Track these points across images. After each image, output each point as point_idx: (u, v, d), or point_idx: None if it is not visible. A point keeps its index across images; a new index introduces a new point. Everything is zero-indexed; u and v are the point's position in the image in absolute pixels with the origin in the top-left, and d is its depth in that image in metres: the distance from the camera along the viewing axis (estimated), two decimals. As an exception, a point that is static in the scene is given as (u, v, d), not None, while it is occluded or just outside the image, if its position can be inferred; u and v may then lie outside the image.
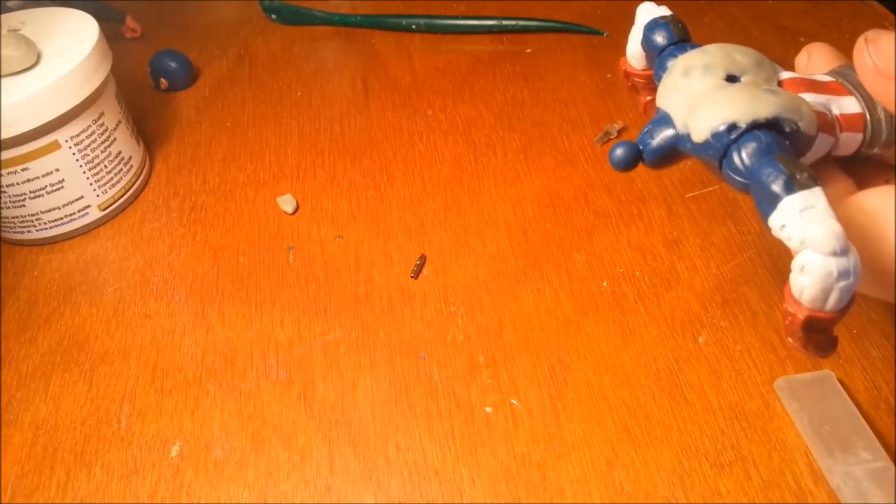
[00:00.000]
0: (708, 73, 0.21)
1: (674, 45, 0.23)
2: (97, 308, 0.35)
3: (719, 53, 0.22)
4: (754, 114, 0.20)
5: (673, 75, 0.22)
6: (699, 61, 0.22)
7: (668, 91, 0.22)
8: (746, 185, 0.20)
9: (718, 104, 0.20)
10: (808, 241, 0.18)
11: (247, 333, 0.33)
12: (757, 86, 0.21)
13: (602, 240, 0.35)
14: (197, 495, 0.27)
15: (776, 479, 0.25)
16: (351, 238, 0.36)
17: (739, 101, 0.20)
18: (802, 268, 0.18)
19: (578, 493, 0.26)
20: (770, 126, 0.20)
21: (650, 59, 0.24)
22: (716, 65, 0.21)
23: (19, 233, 0.38)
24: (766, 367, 0.29)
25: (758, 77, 0.21)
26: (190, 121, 0.46)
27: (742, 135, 0.20)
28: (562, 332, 0.31)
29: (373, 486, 0.27)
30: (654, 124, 0.22)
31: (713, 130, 0.20)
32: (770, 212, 0.19)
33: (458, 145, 0.41)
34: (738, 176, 0.20)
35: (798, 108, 0.20)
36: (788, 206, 0.18)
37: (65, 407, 0.31)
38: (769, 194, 0.19)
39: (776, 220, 0.19)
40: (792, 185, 0.18)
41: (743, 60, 0.22)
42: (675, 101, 0.22)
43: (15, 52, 0.35)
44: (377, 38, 0.51)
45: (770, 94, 0.20)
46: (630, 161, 0.22)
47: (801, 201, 0.18)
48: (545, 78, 0.45)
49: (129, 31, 0.54)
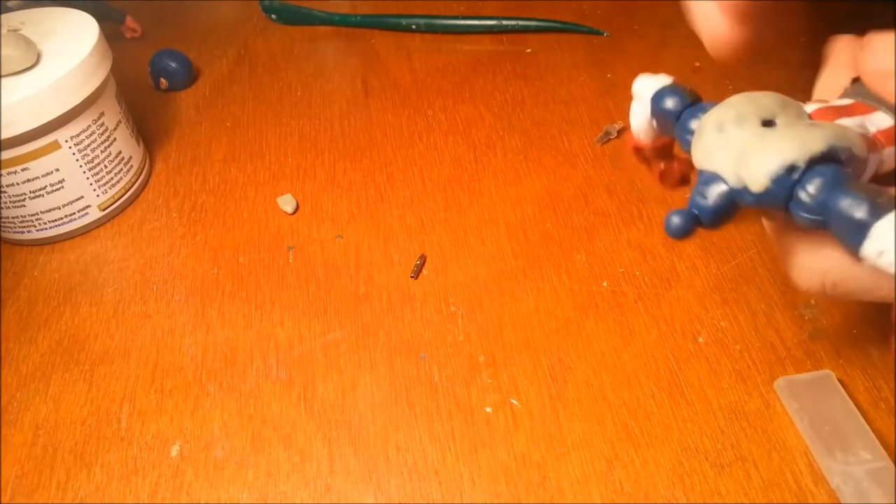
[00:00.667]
0: (743, 123, 0.21)
1: (689, 108, 0.23)
2: (97, 308, 0.35)
3: (745, 102, 0.21)
4: (809, 150, 0.19)
5: (707, 134, 0.21)
6: (730, 114, 0.21)
7: (707, 150, 0.21)
8: (823, 223, 0.19)
9: (770, 149, 0.20)
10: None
11: (247, 333, 0.33)
12: (797, 123, 0.20)
13: (602, 240, 0.35)
14: (197, 495, 0.27)
15: (776, 479, 0.25)
16: (351, 238, 0.36)
17: (790, 141, 0.20)
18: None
19: (578, 493, 0.26)
20: (826, 158, 0.19)
21: (665, 127, 0.24)
22: (747, 113, 0.21)
23: (19, 233, 0.38)
24: (766, 367, 0.29)
25: (790, 115, 0.21)
26: (190, 121, 0.46)
27: (803, 174, 0.19)
28: (562, 332, 0.31)
29: (373, 486, 0.27)
30: (703, 186, 0.21)
31: (772, 176, 0.20)
32: (860, 241, 0.18)
33: (458, 145, 0.41)
34: (812, 214, 0.19)
35: (845, 133, 0.20)
36: (881, 231, 0.18)
37: (65, 407, 0.31)
38: (855, 224, 0.18)
39: (872, 248, 0.18)
40: (877, 208, 0.18)
41: (769, 104, 0.21)
42: (720, 158, 0.21)
43: (15, 52, 0.35)
44: (377, 38, 0.51)
45: (815, 128, 0.20)
46: (689, 229, 0.22)
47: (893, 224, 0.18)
48: (545, 78, 0.45)
49: (129, 31, 0.54)
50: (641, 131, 0.25)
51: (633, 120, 0.25)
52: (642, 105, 0.24)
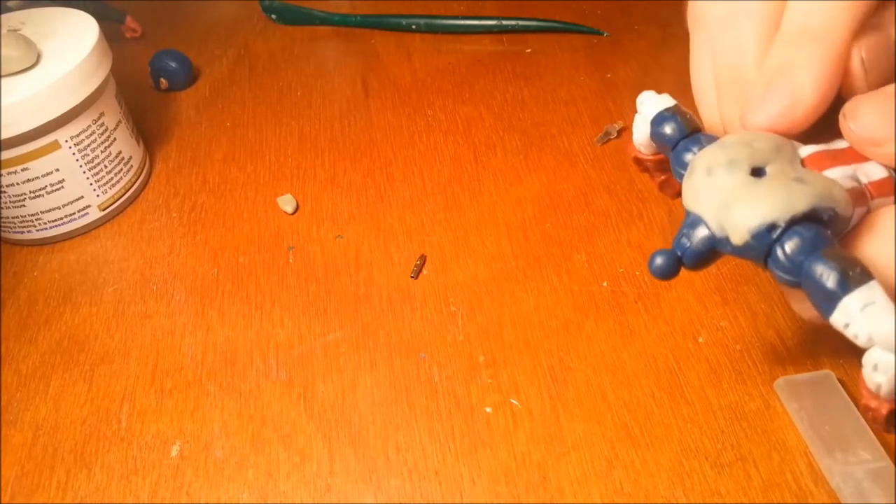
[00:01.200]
0: (733, 170, 0.21)
1: (686, 139, 0.23)
2: (97, 308, 0.35)
3: (739, 145, 0.21)
4: (791, 209, 0.19)
5: (696, 175, 0.21)
6: (721, 158, 0.21)
7: (695, 193, 0.21)
8: (796, 283, 0.19)
9: (752, 204, 0.20)
10: (875, 339, 0.18)
11: (247, 333, 0.33)
12: (785, 175, 0.20)
13: (602, 240, 0.35)
14: (197, 495, 0.27)
15: (776, 479, 0.25)
16: (351, 238, 0.36)
17: (774, 198, 0.19)
18: (875, 366, 0.18)
19: (578, 493, 0.26)
20: (808, 218, 0.19)
21: (661, 149, 0.24)
22: (739, 158, 0.21)
23: (19, 233, 0.38)
24: (766, 367, 0.29)
25: (782, 163, 0.21)
26: (190, 121, 0.46)
27: (783, 233, 0.19)
28: (562, 332, 0.31)
29: (373, 486, 0.27)
30: (687, 228, 0.22)
31: (752, 232, 0.20)
32: (830, 311, 0.19)
33: (458, 145, 0.41)
34: (787, 274, 0.20)
35: (830, 193, 0.20)
36: (849, 305, 0.18)
37: (65, 407, 0.31)
38: (825, 294, 0.19)
39: (838, 320, 0.19)
40: (847, 283, 0.18)
41: (763, 148, 0.21)
42: (705, 203, 0.21)
43: (15, 52, 0.35)
44: (377, 38, 0.51)
45: (801, 185, 0.20)
46: (671, 270, 0.22)
47: (861, 299, 0.18)
48: (545, 78, 0.45)
49: (129, 31, 0.54)
50: (642, 145, 0.25)
51: (635, 133, 0.25)
52: (643, 121, 0.24)
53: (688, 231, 0.21)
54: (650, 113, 0.24)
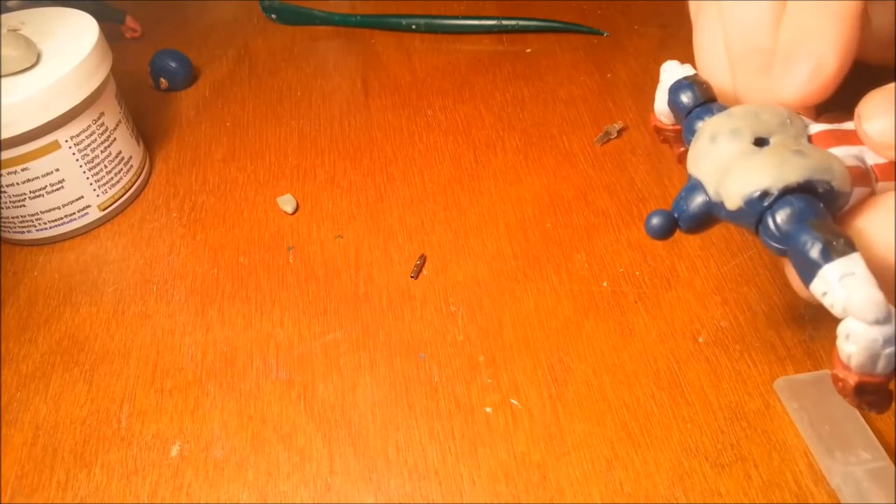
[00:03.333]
0: (735, 138, 0.21)
1: (700, 107, 0.23)
2: (97, 308, 0.35)
3: (745, 115, 0.21)
4: (785, 179, 0.20)
5: (700, 141, 0.22)
6: (726, 126, 0.21)
7: (697, 158, 0.22)
8: (784, 251, 0.20)
9: (748, 171, 0.20)
10: (850, 309, 0.18)
11: (247, 333, 0.33)
12: (786, 147, 0.20)
13: (602, 240, 0.35)
14: (197, 495, 0.27)
15: (776, 479, 0.25)
16: (351, 238, 0.36)
17: (769, 167, 0.20)
18: (847, 335, 0.19)
19: (578, 493, 0.26)
20: (803, 189, 0.20)
21: (678, 119, 0.24)
22: (743, 128, 0.21)
23: (19, 233, 0.38)
24: (766, 367, 0.29)
25: (786, 137, 0.21)
26: (190, 121, 0.46)
27: (775, 201, 0.20)
28: (562, 332, 0.31)
29: (373, 486, 0.27)
30: (686, 191, 0.22)
31: (746, 198, 0.20)
32: (810, 279, 0.19)
33: (458, 145, 0.41)
34: (775, 242, 0.20)
35: (829, 166, 0.20)
36: (828, 274, 0.18)
37: (65, 407, 0.31)
38: (808, 262, 0.19)
39: (817, 288, 0.19)
40: (829, 252, 0.18)
41: (770, 120, 0.21)
42: (706, 169, 0.21)
43: (15, 52, 0.35)
44: (377, 38, 0.51)
45: (799, 157, 0.20)
46: (667, 230, 0.22)
47: (840, 268, 0.18)
48: (545, 78, 0.45)
49: (129, 31, 0.54)
50: (662, 114, 0.25)
51: (657, 102, 0.25)
52: (664, 89, 0.25)
53: (686, 194, 0.22)
54: (670, 79, 0.24)
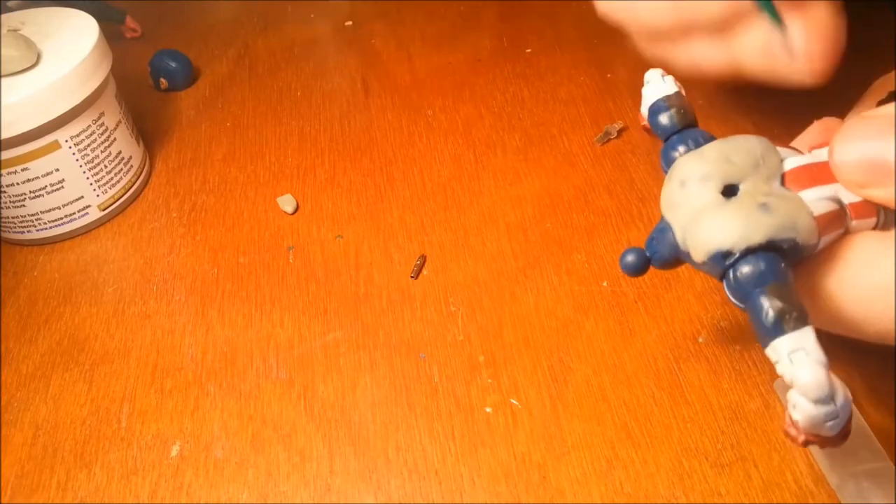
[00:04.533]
0: (704, 186, 0.21)
1: (677, 134, 0.23)
2: (97, 308, 0.35)
3: (717, 159, 0.22)
4: (748, 239, 0.20)
5: (671, 185, 0.22)
6: (696, 172, 0.22)
7: (669, 202, 0.22)
8: (744, 308, 0.21)
9: (713, 228, 0.21)
10: (795, 385, 0.19)
11: (247, 333, 0.33)
12: (754, 199, 0.21)
13: (602, 240, 0.35)
14: (197, 495, 0.27)
15: (776, 479, 0.25)
16: (351, 238, 0.36)
17: (732, 227, 0.20)
18: (794, 405, 0.19)
19: (578, 493, 0.26)
20: (765, 248, 0.20)
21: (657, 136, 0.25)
22: (713, 174, 0.21)
23: (19, 233, 0.38)
24: (766, 367, 0.29)
25: (758, 180, 0.21)
26: (190, 121, 0.46)
27: (737, 261, 0.20)
28: (562, 332, 0.31)
29: (373, 486, 0.27)
30: (658, 233, 0.23)
31: (709, 255, 0.21)
32: (764, 344, 0.20)
33: (458, 145, 0.41)
34: (736, 299, 0.21)
35: (794, 224, 0.20)
36: (779, 346, 0.19)
37: (65, 407, 0.31)
38: (762, 329, 0.20)
39: (770, 355, 0.20)
40: (782, 325, 0.19)
41: (742, 162, 0.21)
42: (675, 216, 0.22)
43: (15, 52, 0.35)
44: (377, 38, 0.51)
45: (764, 214, 0.20)
46: (640, 268, 0.23)
47: (790, 343, 0.19)
48: (545, 78, 0.45)
49: (129, 31, 0.54)
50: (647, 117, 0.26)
51: (643, 104, 0.25)
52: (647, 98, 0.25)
53: (658, 236, 0.23)
54: (650, 97, 0.24)
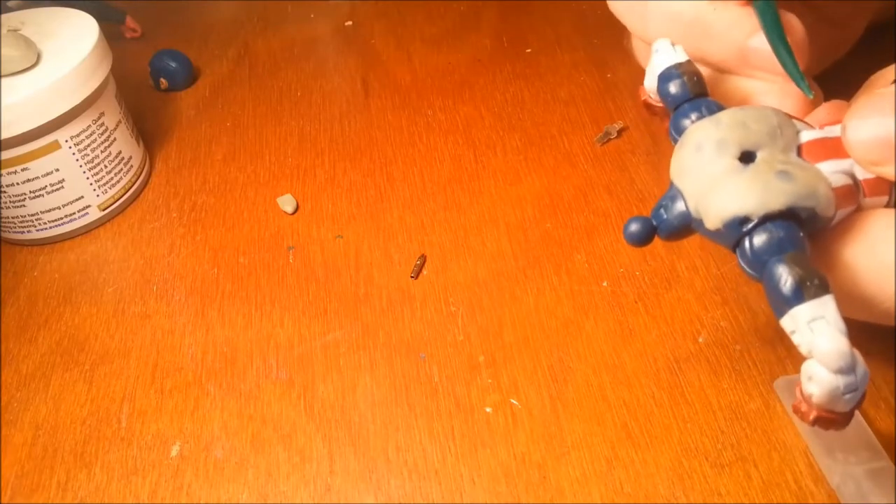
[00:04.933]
0: (721, 151, 0.20)
1: (689, 102, 0.22)
2: (97, 308, 0.35)
3: (733, 125, 0.21)
4: (767, 206, 0.19)
5: (685, 150, 0.21)
6: (712, 136, 0.21)
7: (681, 168, 0.21)
8: (758, 278, 0.20)
9: (730, 194, 0.20)
10: (815, 354, 0.18)
11: (247, 333, 0.33)
12: (771, 167, 0.20)
13: (602, 240, 0.35)
14: (197, 495, 0.27)
15: (776, 479, 0.25)
16: (351, 238, 0.36)
17: (751, 192, 0.19)
18: (810, 377, 0.19)
19: (578, 493, 0.26)
20: (784, 216, 0.19)
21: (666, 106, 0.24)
22: (729, 140, 0.21)
23: (19, 233, 0.38)
24: (766, 367, 0.29)
25: (774, 150, 0.20)
26: (190, 121, 0.46)
27: (754, 227, 0.19)
28: (562, 332, 0.31)
29: (373, 486, 0.27)
30: (667, 200, 0.22)
31: (725, 221, 0.20)
32: (780, 314, 0.19)
33: (458, 145, 0.41)
34: (751, 268, 0.20)
35: (814, 191, 0.20)
36: (798, 315, 0.18)
37: (65, 407, 0.31)
38: (780, 297, 0.19)
39: (786, 325, 0.19)
40: (802, 293, 0.18)
41: (758, 130, 0.21)
42: (688, 182, 0.21)
43: (15, 52, 0.35)
44: (377, 38, 0.51)
45: (783, 181, 0.20)
46: (645, 237, 0.22)
47: (810, 311, 0.18)
48: (545, 78, 0.45)
49: (129, 31, 0.54)
50: (652, 91, 0.25)
51: (647, 78, 0.25)
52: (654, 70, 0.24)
53: (667, 203, 0.22)
54: (660, 64, 0.24)
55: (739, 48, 0.24)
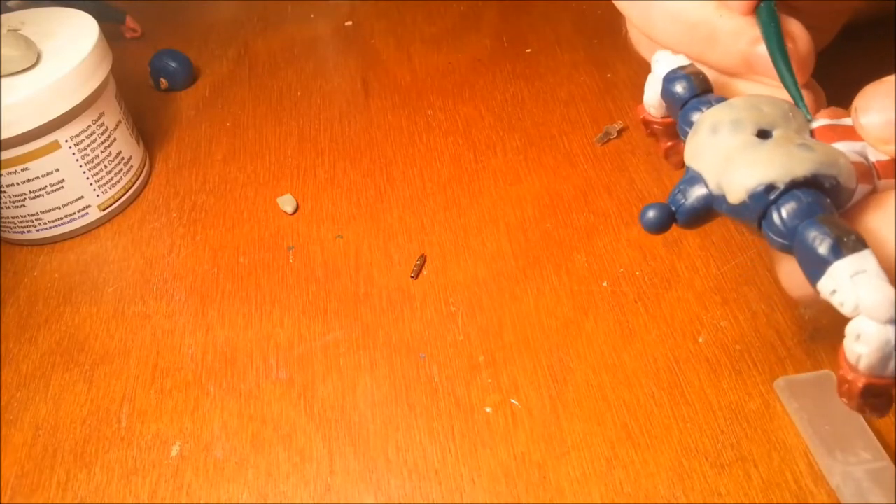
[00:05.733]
0: (737, 129, 0.20)
1: (696, 98, 0.22)
2: (97, 308, 0.35)
3: (746, 107, 0.21)
4: (792, 172, 0.19)
5: (700, 133, 0.21)
6: (727, 116, 0.21)
7: (697, 150, 0.21)
8: (788, 247, 0.19)
9: (753, 164, 0.19)
10: (862, 308, 0.18)
11: (247, 333, 0.33)
12: (790, 140, 0.20)
13: (602, 240, 0.35)
14: (197, 495, 0.27)
15: (776, 479, 0.25)
16: (351, 238, 0.36)
17: (775, 160, 0.19)
18: (858, 336, 0.18)
19: (578, 493, 0.26)
20: (809, 184, 0.19)
21: (671, 111, 0.24)
22: (744, 119, 0.20)
23: (19, 233, 0.38)
24: (766, 367, 0.29)
25: (789, 130, 0.20)
26: (190, 121, 0.46)
27: (780, 195, 0.19)
28: (562, 332, 0.31)
29: (373, 486, 0.27)
30: (685, 184, 0.21)
31: (750, 192, 0.19)
32: (819, 276, 0.18)
33: (458, 145, 0.41)
34: (780, 237, 0.19)
35: (835, 161, 0.19)
36: (839, 271, 0.18)
37: (65, 407, 0.31)
38: (816, 258, 0.18)
39: (826, 286, 0.18)
40: (840, 248, 0.18)
41: (771, 112, 0.21)
42: (706, 161, 0.21)
43: (15, 52, 0.35)
44: (377, 38, 0.51)
45: (806, 150, 0.19)
46: (663, 223, 0.21)
47: (851, 266, 0.18)
48: (545, 78, 0.45)
49: (129, 31, 0.54)
50: (652, 105, 0.25)
51: (647, 93, 0.25)
52: (656, 80, 0.24)
53: (685, 187, 0.21)
54: (663, 70, 0.23)
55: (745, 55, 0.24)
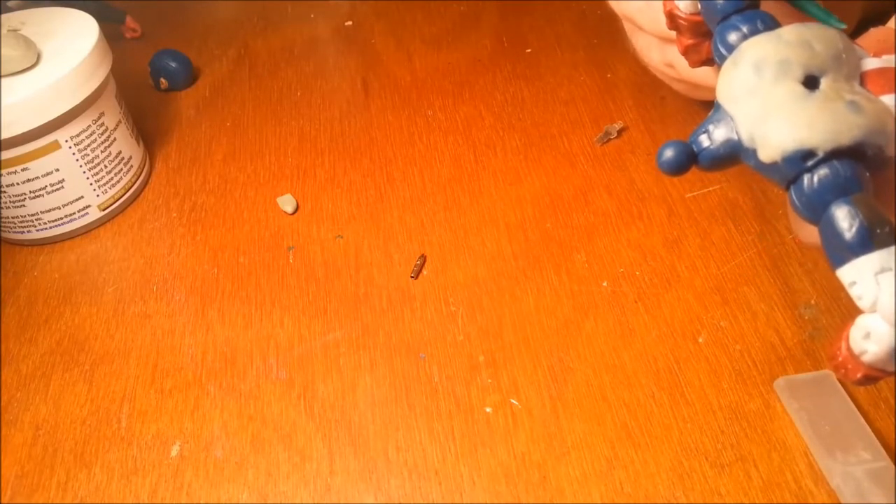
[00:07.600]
0: (784, 73, 0.18)
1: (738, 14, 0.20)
2: (97, 308, 0.35)
3: (797, 43, 0.19)
4: (836, 140, 0.17)
5: (741, 69, 0.19)
6: (774, 55, 0.18)
7: (733, 89, 0.19)
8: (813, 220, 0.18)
9: (795, 123, 0.18)
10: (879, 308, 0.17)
11: (247, 333, 0.33)
12: (839, 96, 0.18)
13: (602, 240, 0.35)
14: (197, 495, 0.27)
15: (776, 479, 0.25)
16: (351, 238, 0.36)
17: (819, 122, 0.17)
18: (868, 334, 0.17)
19: (578, 493, 0.26)
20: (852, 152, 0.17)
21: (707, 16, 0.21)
22: (793, 61, 0.18)
23: (19, 233, 0.38)
24: (766, 367, 0.29)
25: (839, 77, 0.18)
26: (190, 121, 0.46)
27: (818, 163, 0.17)
28: (562, 332, 0.31)
29: (373, 486, 0.27)
30: (712, 124, 0.19)
31: (786, 154, 0.18)
32: (841, 263, 0.17)
33: (458, 145, 0.41)
34: (807, 209, 0.18)
35: (884, 127, 0.18)
36: (864, 264, 0.17)
37: (65, 407, 0.31)
38: (843, 244, 0.17)
39: (847, 275, 0.17)
40: (870, 241, 0.16)
41: (823, 52, 0.19)
42: (743, 105, 0.19)
43: (15, 52, 0.35)
44: (377, 38, 0.51)
45: (854, 112, 0.18)
46: (682, 165, 0.19)
47: (879, 262, 0.16)
48: (545, 78, 0.45)
49: (129, 31, 0.54)
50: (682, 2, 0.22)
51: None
52: None
53: (712, 129, 0.19)
54: None
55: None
